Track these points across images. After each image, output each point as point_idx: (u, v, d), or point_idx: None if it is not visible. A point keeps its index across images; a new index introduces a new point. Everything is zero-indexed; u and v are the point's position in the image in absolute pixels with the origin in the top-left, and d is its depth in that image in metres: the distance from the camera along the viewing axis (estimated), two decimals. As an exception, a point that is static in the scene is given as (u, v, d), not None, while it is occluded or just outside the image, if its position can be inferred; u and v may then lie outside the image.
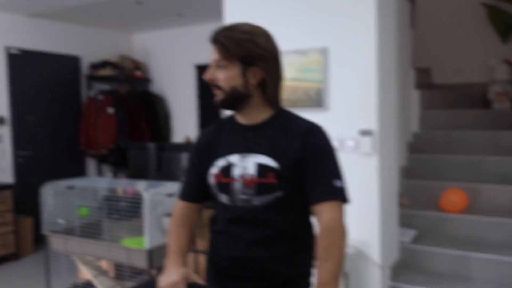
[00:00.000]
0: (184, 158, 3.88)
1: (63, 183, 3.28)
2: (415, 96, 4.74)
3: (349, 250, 3.01)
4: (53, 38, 5.78)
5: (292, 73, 3.17)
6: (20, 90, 5.43)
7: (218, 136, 1.59)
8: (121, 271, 3.11)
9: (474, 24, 5.35)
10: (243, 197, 1.48)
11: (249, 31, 1.49)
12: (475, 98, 5.02)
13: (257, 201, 1.47)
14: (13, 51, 5.34)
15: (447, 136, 4.57)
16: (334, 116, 3.11)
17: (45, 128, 5.72)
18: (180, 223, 1.64)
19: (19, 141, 5.43)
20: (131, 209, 2.97)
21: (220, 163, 1.53)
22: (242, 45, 1.46)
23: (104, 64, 6.12)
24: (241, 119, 1.56)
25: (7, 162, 5.31)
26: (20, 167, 5.43)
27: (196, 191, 1.63)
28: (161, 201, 2.92)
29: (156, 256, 2.90)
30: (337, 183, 1.47)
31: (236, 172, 1.49)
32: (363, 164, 3.06)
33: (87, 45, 6.21)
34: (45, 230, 3.28)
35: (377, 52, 2.98)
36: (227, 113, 1.68)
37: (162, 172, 3.92)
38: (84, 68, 6.17)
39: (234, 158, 1.51)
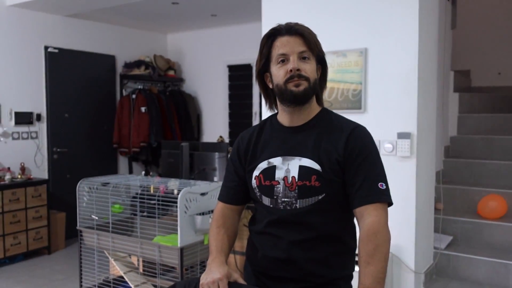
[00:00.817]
0: (217, 158, 3.87)
1: (98, 180, 3.32)
2: (453, 99, 4.62)
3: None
4: (89, 37, 5.90)
5: (330, 74, 3.09)
6: (57, 88, 5.54)
7: (259, 139, 1.59)
8: (150, 268, 3.12)
9: (516, 26, 5.18)
10: (286, 199, 1.47)
11: (310, 32, 1.55)
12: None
13: (300, 203, 1.46)
14: (52, 50, 5.46)
15: (485, 141, 4.44)
16: (372, 118, 3.05)
17: (80, 126, 5.82)
18: (220, 223, 1.64)
19: (55, 138, 5.54)
20: (163, 207, 2.97)
21: (262, 165, 1.53)
22: (316, 42, 1.53)
23: (138, 63, 6.20)
24: (285, 120, 1.55)
25: (43, 158, 5.44)
26: (54, 163, 5.55)
27: (236, 193, 1.65)
28: (194, 199, 2.92)
29: (187, 254, 2.90)
30: (382, 185, 1.43)
31: (279, 174, 1.49)
32: (400, 168, 2.99)
33: (123, 44, 6.31)
34: (80, 225, 3.32)
35: (417, 53, 2.91)
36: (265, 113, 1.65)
37: (194, 171, 3.92)
38: (119, 68, 6.26)
39: (276, 161, 1.50)
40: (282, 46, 1.49)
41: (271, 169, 1.50)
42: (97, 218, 3.28)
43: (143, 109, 5.99)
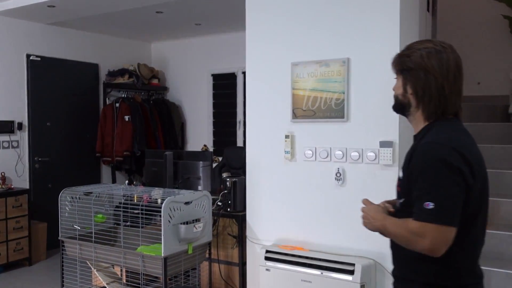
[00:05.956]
0: (201, 167, 3.87)
1: (80, 189, 3.29)
2: (434, 108, 4.69)
3: (366, 262, 2.96)
4: (72, 45, 5.86)
5: (313, 83, 3.15)
6: (39, 96, 5.49)
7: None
8: (134, 278, 3.09)
9: (495, 37, 5.30)
10: (398, 200, 1.71)
11: (411, 47, 1.66)
12: (495, 111, 4.95)
13: (398, 204, 1.69)
14: (34, 58, 5.41)
15: (466, 150, 4.50)
16: (354, 127, 3.08)
17: (62, 135, 5.76)
18: None
19: (36, 147, 5.47)
20: (147, 217, 2.96)
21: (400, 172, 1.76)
22: (400, 59, 1.67)
23: (121, 72, 6.18)
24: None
25: (24, 167, 5.36)
26: (36, 173, 5.47)
27: None
28: (178, 208, 2.91)
29: (171, 264, 2.88)
30: (428, 205, 1.48)
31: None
32: (383, 176, 3.02)
33: (106, 53, 6.28)
34: (62, 235, 3.28)
35: (398, 63, 2.96)
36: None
37: (178, 180, 3.90)
38: (103, 76, 6.23)
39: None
40: None
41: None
42: (79, 228, 3.24)
43: (126, 117, 5.96)
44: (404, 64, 1.64)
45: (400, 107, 1.70)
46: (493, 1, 5.23)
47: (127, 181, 4.70)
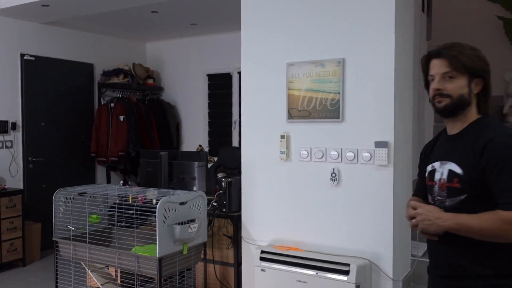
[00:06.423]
0: (196, 167, 3.86)
1: (75, 189, 3.27)
2: (429, 108, 4.70)
3: (361, 262, 2.96)
4: (67, 45, 5.83)
5: (309, 83, 3.15)
6: (34, 96, 5.46)
7: (433, 146, 1.89)
8: (128, 279, 3.08)
9: (490, 37, 5.32)
10: (439, 198, 1.75)
11: (474, 48, 1.75)
12: (490, 111, 4.97)
13: (449, 202, 1.71)
14: (28, 58, 5.38)
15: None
16: (349, 127, 3.08)
17: (57, 135, 5.73)
18: (412, 198, 1.93)
19: (31, 147, 5.44)
20: (142, 217, 2.94)
21: (428, 168, 1.83)
22: (471, 59, 1.72)
23: (116, 71, 6.15)
24: (448, 129, 1.80)
25: (18, 168, 5.33)
26: (30, 173, 5.44)
27: (421, 191, 1.92)
28: (173, 209, 2.90)
29: (166, 264, 2.87)
30: None
31: (437, 176, 1.77)
32: (378, 176, 3.02)
33: (101, 52, 6.26)
34: (56, 236, 3.26)
35: (394, 64, 2.96)
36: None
37: (173, 180, 3.89)
38: (98, 76, 6.20)
39: (436, 165, 1.79)
40: (432, 68, 1.76)
41: (432, 172, 1.79)
42: (73, 228, 3.22)
43: (121, 117, 5.94)
44: (475, 64, 1.71)
45: (460, 106, 1.72)
46: (487, 2, 5.25)
47: (122, 182, 4.68)
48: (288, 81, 3.24)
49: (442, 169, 1.74)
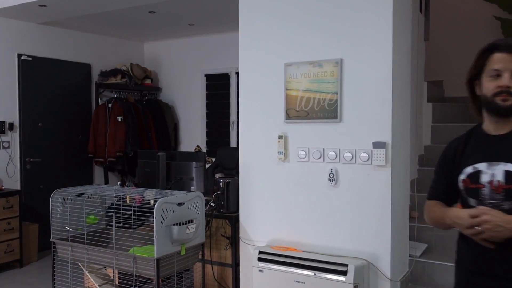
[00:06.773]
0: (194, 168, 3.85)
1: (72, 190, 3.27)
2: (427, 109, 4.71)
3: (359, 263, 2.96)
4: (64, 45, 5.82)
5: (306, 84, 3.15)
6: (31, 96, 5.44)
7: (465, 146, 1.77)
8: (126, 280, 3.07)
9: (488, 37, 5.32)
10: (492, 201, 1.62)
11: None
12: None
13: (507, 205, 1.59)
14: (25, 58, 5.37)
15: (458, 150, 4.53)
16: (347, 127, 3.08)
17: (54, 135, 5.72)
18: (435, 203, 1.83)
19: (28, 148, 5.43)
20: (139, 218, 2.94)
21: (468, 170, 1.69)
22: None
23: (114, 72, 6.14)
24: (491, 129, 1.70)
25: (15, 168, 5.32)
26: (27, 174, 5.43)
27: (443, 194, 1.83)
28: (171, 210, 2.89)
29: (164, 265, 2.87)
30: None
31: (485, 178, 1.64)
32: (376, 176, 3.02)
33: (99, 53, 6.25)
34: (53, 237, 3.25)
35: (392, 64, 2.96)
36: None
37: (171, 181, 3.89)
38: (95, 76, 6.19)
39: (481, 166, 1.66)
40: (497, 62, 1.63)
41: (476, 174, 1.66)
42: (71, 229, 3.21)
43: (119, 118, 5.93)
44: None
45: None
46: (485, 2, 5.26)
47: (119, 182, 4.67)
48: (286, 81, 3.24)
49: (492, 171, 1.63)
